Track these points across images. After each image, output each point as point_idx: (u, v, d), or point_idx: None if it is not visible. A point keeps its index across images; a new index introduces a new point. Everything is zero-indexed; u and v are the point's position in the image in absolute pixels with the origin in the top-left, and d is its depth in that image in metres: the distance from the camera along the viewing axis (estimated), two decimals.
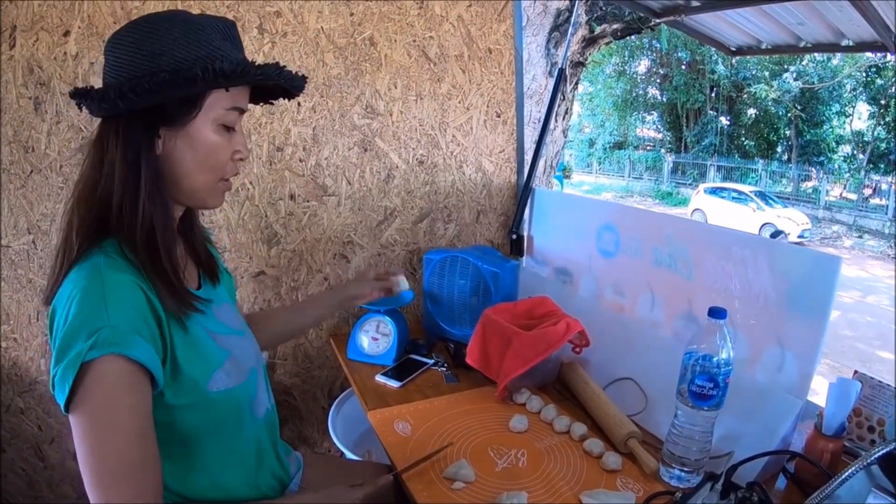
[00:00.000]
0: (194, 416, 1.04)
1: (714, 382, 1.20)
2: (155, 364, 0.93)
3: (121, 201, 0.97)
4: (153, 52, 0.95)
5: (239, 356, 1.16)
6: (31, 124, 1.70)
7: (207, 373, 1.06)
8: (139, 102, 0.93)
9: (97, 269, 0.93)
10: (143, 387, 0.92)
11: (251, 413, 1.19)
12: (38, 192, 1.74)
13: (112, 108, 0.94)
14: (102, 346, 0.86)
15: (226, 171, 1.09)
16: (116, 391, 0.89)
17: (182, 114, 1.00)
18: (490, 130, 2.32)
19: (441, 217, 2.31)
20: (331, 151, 2.05)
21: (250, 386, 1.18)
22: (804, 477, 1.29)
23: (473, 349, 1.74)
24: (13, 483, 1.95)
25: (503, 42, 2.26)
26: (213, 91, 1.01)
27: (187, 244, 1.21)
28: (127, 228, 0.98)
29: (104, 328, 0.87)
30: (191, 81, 0.95)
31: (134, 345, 0.89)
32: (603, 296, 1.95)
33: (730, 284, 1.50)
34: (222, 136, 1.05)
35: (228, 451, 1.13)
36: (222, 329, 1.17)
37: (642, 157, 27.00)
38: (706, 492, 1.17)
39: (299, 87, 1.16)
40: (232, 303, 1.31)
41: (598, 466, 1.36)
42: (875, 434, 1.41)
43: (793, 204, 18.14)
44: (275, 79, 1.06)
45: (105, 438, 0.88)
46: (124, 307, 0.91)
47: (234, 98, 1.04)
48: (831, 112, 21.25)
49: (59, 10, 1.65)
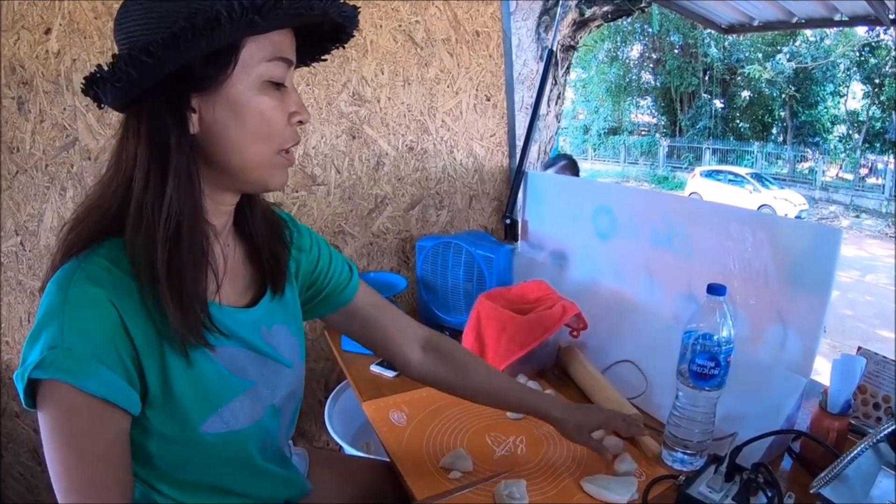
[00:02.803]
0: (177, 451, 0.91)
1: (715, 361, 1.17)
2: (120, 395, 0.80)
3: (142, 195, 0.80)
4: (167, 12, 0.75)
5: (264, 388, 0.99)
6: (15, 124, 1.67)
7: (205, 412, 0.90)
8: (156, 67, 0.74)
9: (68, 279, 0.80)
10: (106, 414, 0.80)
11: (262, 454, 1.03)
12: (24, 192, 1.71)
13: (127, 83, 0.75)
14: (49, 368, 0.75)
15: (285, 139, 0.88)
16: (71, 417, 0.79)
17: (215, 73, 0.79)
18: (480, 114, 2.29)
19: (433, 203, 2.28)
20: (318, 140, 2.01)
21: (265, 425, 1.00)
22: (810, 457, 1.27)
23: (469, 335, 1.71)
24: (12, 487, 1.92)
25: (491, 24, 2.22)
26: (248, 41, 0.80)
27: (247, 247, 1.03)
28: (146, 228, 0.80)
29: (56, 348, 0.76)
30: (215, 23, 0.73)
31: (90, 375, 0.77)
32: (600, 278, 1.92)
33: (729, 262, 1.47)
34: (272, 95, 0.85)
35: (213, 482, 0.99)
36: (263, 351, 1.00)
37: (637, 142, 26.99)
38: (710, 474, 1.15)
39: (353, 20, 0.91)
40: (294, 331, 1.10)
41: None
42: (881, 411, 1.39)
43: (789, 185, 18.18)
44: (320, 7, 0.82)
45: (65, 456, 0.80)
46: (85, 328, 0.78)
47: (275, 46, 0.83)
48: (825, 92, 21.28)
49: (39, 8, 1.62)
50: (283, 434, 1.11)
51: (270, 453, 1.06)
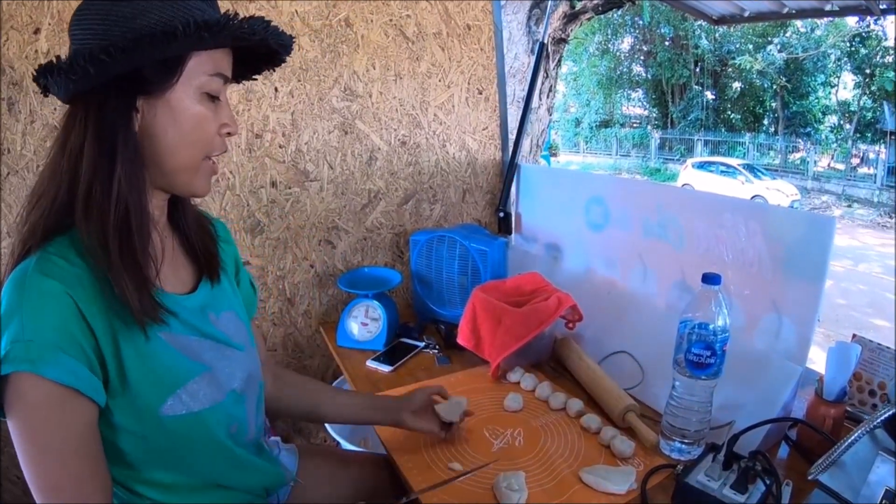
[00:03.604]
0: (142, 445, 0.94)
1: (711, 350, 1.17)
2: (84, 383, 0.83)
3: (90, 185, 0.85)
4: (125, 16, 0.83)
5: (221, 373, 1.03)
6: (6, 125, 1.65)
7: (163, 393, 0.93)
8: (112, 66, 0.81)
9: (24, 273, 0.83)
10: (74, 404, 0.84)
11: (232, 440, 1.06)
12: (15, 194, 1.69)
13: (82, 78, 0.82)
14: (14, 362, 0.78)
15: (213, 147, 0.97)
16: (40, 410, 0.82)
17: (161, 80, 0.88)
18: (472, 108, 2.28)
19: (426, 198, 2.27)
20: (311, 136, 2.00)
21: (227, 408, 1.04)
22: (807, 444, 1.28)
23: (464, 329, 1.71)
24: (9, 491, 1.91)
25: (482, 18, 2.22)
26: (194, 54, 0.89)
27: (182, 239, 1.09)
28: (98, 213, 0.85)
29: (17, 343, 0.79)
30: (171, 37, 0.82)
31: (52, 363, 0.80)
32: (594, 270, 1.92)
33: (723, 252, 1.47)
34: (207, 106, 0.94)
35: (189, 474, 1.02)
36: (214, 336, 1.05)
37: (629, 134, 26.98)
38: (708, 463, 1.15)
39: (287, 47, 1.02)
40: (242, 316, 1.16)
41: (596, 442, 1.33)
42: (876, 398, 1.39)
43: (781, 176, 18.19)
44: (261, 34, 0.93)
45: (38, 454, 0.83)
46: (43, 319, 0.81)
47: (216, 62, 0.93)
48: (816, 83, 21.30)
49: (28, 8, 1.60)
50: (253, 420, 1.14)
51: (242, 440, 1.09)
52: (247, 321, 1.19)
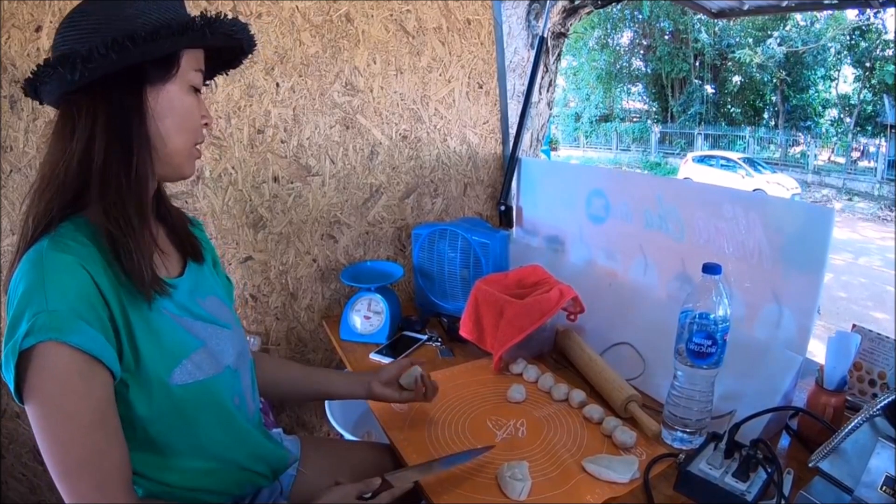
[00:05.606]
0: (160, 416, 0.98)
1: (712, 340, 1.18)
2: (103, 351, 0.87)
3: (104, 166, 0.93)
4: (126, 16, 0.92)
5: (215, 348, 1.10)
6: (8, 123, 1.65)
7: (170, 363, 0.99)
8: (132, 54, 0.90)
9: (39, 252, 0.88)
10: (95, 373, 0.87)
11: (237, 408, 1.13)
12: (19, 191, 1.69)
13: (100, 65, 0.88)
14: (39, 332, 0.82)
15: (199, 135, 1.07)
16: (64, 379, 0.84)
17: (164, 72, 0.98)
18: (473, 102, 2.29)
19: (428, 192, 2.28)
20: (312, 131, 2.01)
21: (228, 380, 1.11)
22: (808, 433, 1.28)
23: (467, 321, 1.72)
24: (14, 489, 1.91)
25: (482, 12, 2.23)
26: (185, 52, 1.00)
27: (167, 229, 1.16)
28: (116, 189, 0.93)
29: (41, 313, 0.83)
30: (183, 30, 0.94)
31: (75, 331, 0.84)
32: (595, 262, 1.93)
33: (723, 243, 1.48)
34: (193, 97, 1.04)
35: (204, 452, 1.08)
36: (203, 317, 1.11)
37: (629, 128, 26.93)
38: (710, 452, 1.16)
39: (251, 47, 1.13)
40: (225, 300, 1.23)
41: (598, 432, 1.34)
42: (876, 388, 1.40)
43: (781, 169, 18.16)
44: (241, 33, 1.06)
45: (61, 429, 0.85)
46: (64, 290, 0.86)
47: (198, 59, 1.04)
48: (816, 76, 21.25)
49: (29, 6, 1.60)
50: (251, 397, 1.22)
51: (245, 413, 1.17)
52: (230, 305, 1.26)
